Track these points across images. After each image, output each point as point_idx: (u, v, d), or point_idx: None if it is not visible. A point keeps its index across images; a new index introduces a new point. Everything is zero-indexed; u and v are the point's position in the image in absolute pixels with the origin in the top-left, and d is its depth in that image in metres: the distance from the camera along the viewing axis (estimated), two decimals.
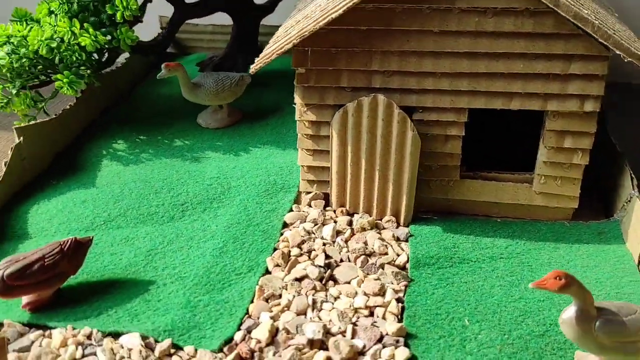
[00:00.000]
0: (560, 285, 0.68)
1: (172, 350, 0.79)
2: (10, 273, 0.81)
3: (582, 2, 0.89)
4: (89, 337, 0.80)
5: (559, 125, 0.93)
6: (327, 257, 0.95)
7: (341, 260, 0.95)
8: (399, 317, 0.84)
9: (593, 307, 0.70)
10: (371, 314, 0.85)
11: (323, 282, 0.90)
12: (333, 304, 0.86)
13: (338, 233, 1.00)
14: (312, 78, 0.96)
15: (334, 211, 1.06)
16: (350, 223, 1.03)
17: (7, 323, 0.82)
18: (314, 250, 0.96)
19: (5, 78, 1.21)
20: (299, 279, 0.90)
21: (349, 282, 0.90)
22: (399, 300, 0.86)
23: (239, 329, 0.82)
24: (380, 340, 0.80)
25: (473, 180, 1.03)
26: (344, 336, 0.80)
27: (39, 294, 0.85)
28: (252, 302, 0.87)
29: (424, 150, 0.98)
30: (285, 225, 1.03)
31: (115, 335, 0.81)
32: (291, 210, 1.07)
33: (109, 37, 1.24)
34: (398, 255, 0.95)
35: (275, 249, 0.97)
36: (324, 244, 0.97)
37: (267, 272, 0.93)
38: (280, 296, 0.87)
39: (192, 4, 1.42)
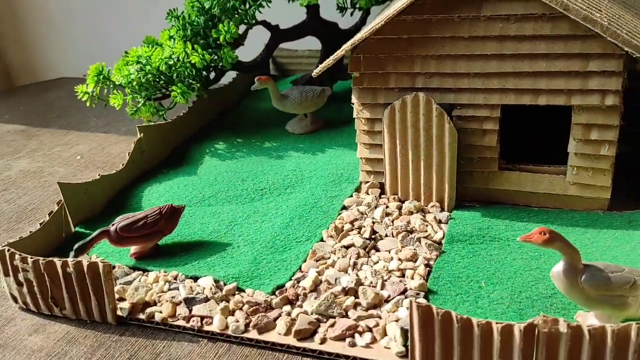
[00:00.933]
0: (544, 239, 0.79)
1: (236, 292, 0.99)
2: (122, 226, 1.07)
3: (599, 5, 1.00)
4: (175, 278, 1.03)
5: (584, 118, 1.03)
6: (374, 232, 1.11)
7: (386, 235, 1.10)
8: (425, 278, 0.97)
9: (580, 263, 0.80)
10: (402, 275, 0.99)
11: (366, 249, 1.06)
12: (372, 266, 1.02)
13: (387, 215, 1.16)
14: (366, 80, 1.14)
15: (387, 198, 1.22)
16: (400, 208, 1.18)
17: (118, 265, 1.07)
18: (364, 226, 1.12)
19: (135, 90, 1.52)
20: (347, 247, 1.07)
21: (388, 251, 1.05)
22: (427, 265, 1.00)
23: (290, 280, 1.00)
24: (403, 292, 0.94)
25: (511, 171, 1.14)
26: (374, 287, 0.95)
27: (142, 245, 1.09)
28: (304, 261, 1.05)
29: (464, 144, 1.12)
30: (344, 207, 1.21)
31: (195, 278, 1.02)
32: (351, 196, 1.24)
33: (214, 57, 1.50)
34: (436, 232, 1.09)
35: (330, 225, 1.15)
36: (373, 222, 1.13)
37: (322, 240, 1.11)
38: (328, 258, 1.05)
39: (285, 30, 1.66)
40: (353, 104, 1.18)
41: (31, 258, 0.96)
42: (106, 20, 2.35)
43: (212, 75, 1.59)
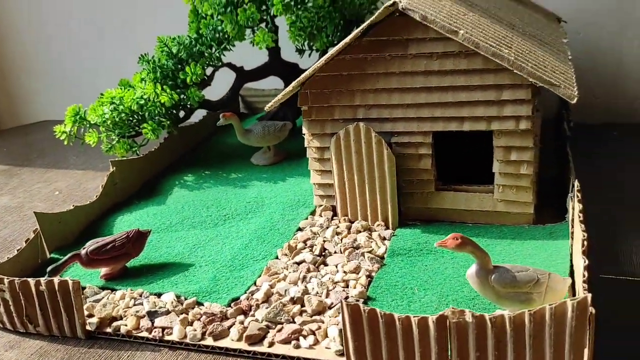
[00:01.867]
0: (456, 243, 0.90)
1: (195, 305, 1.09)
2: (92, 250, 1.17)
3: (510, 43, 1.14)
4: (140, 295, 1.13)
5: (503, 142, 1.16)
6: (324, 249, 1.22)
7: (335, 252, 1.21)
8: (366, 287, 1.08)
9: (490, 264, 0.92)
10: (346, 286, 1.10)
11: (316, 265, 1.17)
12: (319, 278, 1.12)
13: (337, 234, 1.27)
14: (314, 113, 1.27)
15: (339, 219, 1.33)
16: (349, 227, 1.30)
17: (88, 286, 1.17)
18: (315, 245, 1.23)
19: (109, 129, 1.63)
20: (298, 263, 1.18)
21: (335, 266, 1.16)
22: (369, 276, 1.11)
23: (245, 293, 1.11)
24: (345, 299, 1.04)
25: (447, 192, 1.26)
26: (320, 296, 1.06)
27: (111, 267, 1.19)
28: (259, 277, 1.15)
29: (403, 167, 1.24)
30: (299, 229, 1.32)
31: (158, 295, 1.12)
32: (306, 219, 1.35)
33: (182, 96, 1.63)
34: (379, 247, 1.20)
35: (285, 244, 1.26)
36: (324, 241, 1.25)
37: (277, 258, 1.21)
38: (281, 273, 1.15)
39: (249, 71, 1.80)
40: (304, 134, 1.31)
41: (7, 279, 1.06)
42: (84, 65, 2.48)
43: (182, 113, 1.71)
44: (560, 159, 1.36)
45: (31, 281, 1.05)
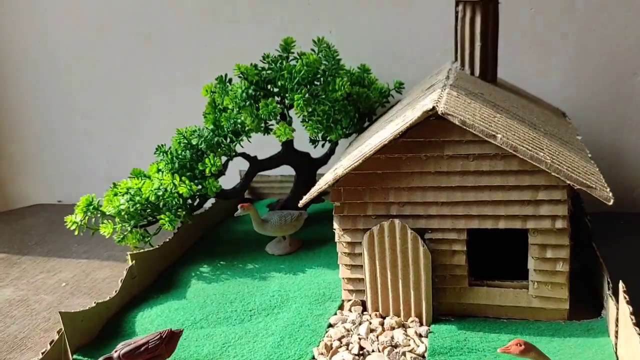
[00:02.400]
0: (520, 349, 0.91)
1: None
2: (124, 353, 1.13)
3: (541, 145, 1.19)
4: None
5: (539, 240, 1.19)
6: (361, 348, 1.20)
7: (372, 351, 1.19)
8: None
9: None
10: None
11: None
12: None
13: (372, 330, 1.26)
14: (346, 209, 1.28)
15: (370, 314, 1.32)
16: (382, 323, 1.28)
17: None
18: (351, 343, 1.22)
19: (124, 220, 1.61)
20: None
21: None
22: None
23: None
24: None
25: (480, 287, 1.27)
26: None
27: None
28: None
29: (436, 263, 1.25)
30: (330, 325, 1.30)
31: None
32: (335, 314, 1.34)
33: (200, 187, 1.63)
34: (418, 346, 1.19)
35: (320, 342, 1.23)
36: (360, 339, 1.23)
37: (314, 358, 1.19)
38: None
39: (262, 160, 1.82)
40: (335, 229, 1.31)
41: None
42: (74, 147, 2.47)
43: (197, 202, 1.70)
44: (580, 251, 1.39)
45: None
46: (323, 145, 1.83)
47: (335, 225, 1.31)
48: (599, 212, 1.46)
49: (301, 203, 1.29)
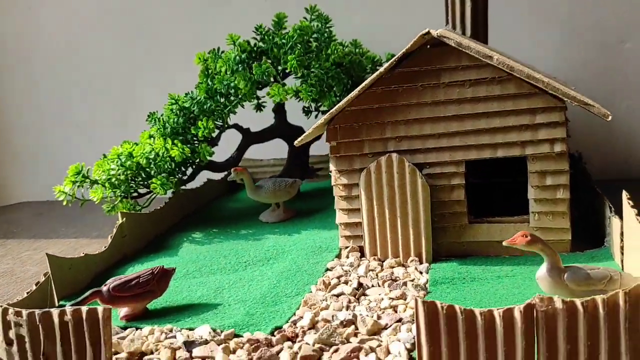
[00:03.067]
0: (527, 240, 0.88)
1: (234, 337, 0.99)
2: (114, 286, 1.08)
3: (537, 72, 1.19)
4: (170, 330, 1.03)
5: (538, 166, 1.17)
6: (360, 284, 1.16)
7: (372, 285, 1.15)
8: None
9: (560, 263, 0.89)
10: (395, 311, 1.03)
11: (356, 297, 1.10)
12: (365, 305, 1.06)
13: (371, 270, 1.22)
14: (342, 149, 1.26)
15: (368, 259, 1.28)
16: (381, 265, 1.25)
17: None
18: (350, 280, 1.17)
19: (114, 186, 1.57)
20: (337, 295, 1.11)
21: (378, 294, 1.10)
22: None
23: (287, 322, 1.02)
24: (399, 321, 0.98)
25: (480, 224, 1.24)
26: (372, 318, 0.99)
27: (133, 307, 1.09)
28: (298, 309, 1.08)
29: (435, 200, 1.23)
30: (327, 269, 1.26)
31: (190, 329, 1.02)
32: (332, 261, 1.30)
33: (192, 152, 1.61)
34: (419, 278, 1.15)
35: (318, 281, 1.19)
36: (359, 277, 1.19)
37: (311, 293, 1.14)
38: (321, 303, 1.08)
39: (255, 133, 1.81)
40: (331, 172, 1.29)
41: (26, 311, 0.95)
42: (63, 142, 2.44)
43: (189, 171, 1.67)
44: (579, 203, 1.37)
45: (54, 311, 0.95)
46: (316, 116, 1.82)
47: (332, 167, 1.28)
48: (595, 180, 1.45)
49: (296, 142, 1.27)
